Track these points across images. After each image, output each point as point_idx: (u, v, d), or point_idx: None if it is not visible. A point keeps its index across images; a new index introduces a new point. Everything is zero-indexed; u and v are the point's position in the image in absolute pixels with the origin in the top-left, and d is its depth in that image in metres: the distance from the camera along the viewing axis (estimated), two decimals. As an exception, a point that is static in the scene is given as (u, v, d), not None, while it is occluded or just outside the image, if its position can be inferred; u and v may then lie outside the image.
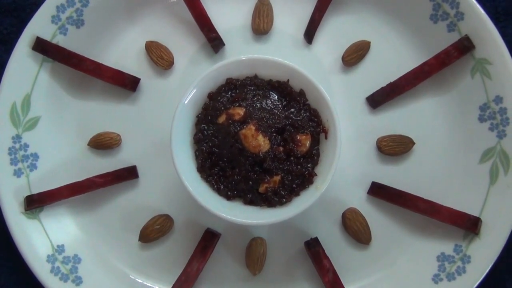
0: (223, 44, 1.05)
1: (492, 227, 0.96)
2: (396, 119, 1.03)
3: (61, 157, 1.04)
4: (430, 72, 1.01)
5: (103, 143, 1.03)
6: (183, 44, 1.06)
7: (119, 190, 1.03)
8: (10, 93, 1.01)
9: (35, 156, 1.03)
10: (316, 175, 0.91)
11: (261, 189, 0.90)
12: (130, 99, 1.05)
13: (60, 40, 1.02)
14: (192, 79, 0.91)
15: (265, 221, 0.88)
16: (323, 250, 0.98)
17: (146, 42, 1.05)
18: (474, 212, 0.97)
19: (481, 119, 1.00)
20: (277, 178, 0.89)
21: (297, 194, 0.91)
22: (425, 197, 0.98)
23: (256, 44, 1.06)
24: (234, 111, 0.89)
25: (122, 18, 1.05)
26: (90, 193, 1.02)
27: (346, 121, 1.02)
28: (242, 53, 0.91)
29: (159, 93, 1.05)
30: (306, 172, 0.90)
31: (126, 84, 1.03)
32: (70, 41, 1.03)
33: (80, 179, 1.01)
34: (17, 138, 1.01)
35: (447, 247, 0.99)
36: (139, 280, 1.02)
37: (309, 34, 1.05)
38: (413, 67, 1.02)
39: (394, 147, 1.01)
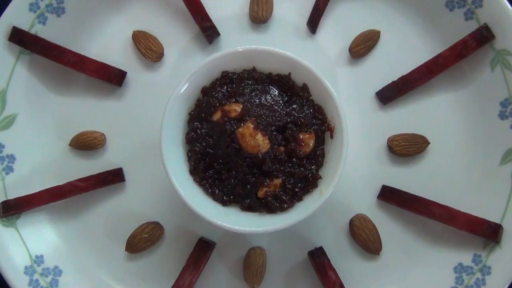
0: (218, 34, 1.05)
1: (514, 235, 0.96)
2: (408, 116, 1.03)
3: (40, 158, 1.04)
4: (446, 65, 1.01)
5: (86, 143, 1.03)
6: (174, 34, 1.06)
7: (104, 195, 1.03)
8: (-16, 88, 1.01)
9: (12, 158, 1.03)
10: (321, 178, 0.91)
11: (260, 193, 0.89)
12: (116, 94, 1.05)
13: (39, 30, 1.02)
14: (184, 73, 0.90)
15: (265, 229, 0.88)
16: (329, 261, 0.97)
17: (133, 32, 1.05)
18: (495, 219, 0.97)
19: (502, 116, 1.00)
20: (277, 181, 0.89)
21: (300, 199, 0.91)
22: (440, 202, 0.98)
23: (255, 33, 1.06)
24: (230, 108, 0.89)
25: (107, 5, 1.05)
26: (72, 199, 1.02)
27: (353, 119, 1.02)
28: (239, 44, 0.91)
29: (148, 88, 1.05)
30: (310, 175, 0.90)
31: (112, 78, 1.03)
32: (50, 31, 1.03)
33: (61, 183, 1.01)
34: (-9, 138, 1.02)
35: (465, 257, 0.99)
36: (126, 294, 1.02)
37: (313, 23, 1.05)
38: (427, 59, 1.02)
39: (406, 147, 1.01)
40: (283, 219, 0.89)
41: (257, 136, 0.87)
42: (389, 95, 1.03)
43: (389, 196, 1.00)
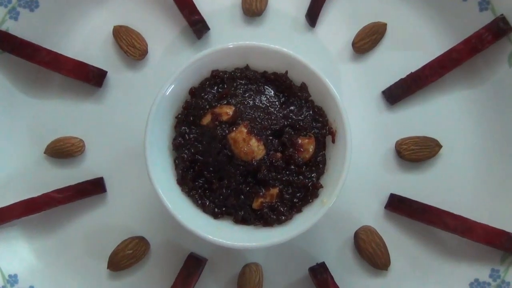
0: (208, 29, 1.05)
1: (536, 248, 0.96)
2: (418, 118, 1.04)
3: (12, 168, 1.04)
4: (459, 60, 1.01)
5: (63, 151, 1.03)
6: (159, 29, 1.06)
7: (83, 208, 1.03)
8: (-51, 90, 1.01)
9: (-20, 167, 1.03)
10: (322, 187, 0.90)
11: (256, 204, 0.89)
12: (95, 96, 1.05)
13: (11, 26, 1.02)
14: (170, 72, 0.90)
15: (261, 244, 0.87)
16: (332, 278, 0.98)
17: (114, 27, 1.05)
18: (514, 230, 0.98)
19: (522, 116, 1.01)
20: (274, 191, 0.89)
21: (299, 210, 0.91)
22: (454, 212, 0.98)
23: (248, 28, 1.06)
24: (221, 110, 0.89)
25: (84, -2, 1.06)
26: (48, 212, 1.01)
27: (358, 121, 1.02)
28: (230, 40, 0.91)
29: (130, 88, 1.05)
30: (310, 183, 0.90)
31: (90, 78, 1.03)
32: (22, 27, 1.03)
33: (36, 195, 1.01)
34: (-43, 145, 1.02)
35: (482, 272, 0.99)
36: (109, 317, 1.02)
37: (312, 15, 1.05)
38: (439, 54, 1.02)
39: (416, 152, 1.01)
40: (281, 233, 0.89)
41: (251, 141, 0.87)
42: (397, 94, 1.03)
43: (398, 205, 1.00)
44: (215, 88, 0.93)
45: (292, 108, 0.92)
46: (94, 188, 1.02)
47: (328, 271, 0.98)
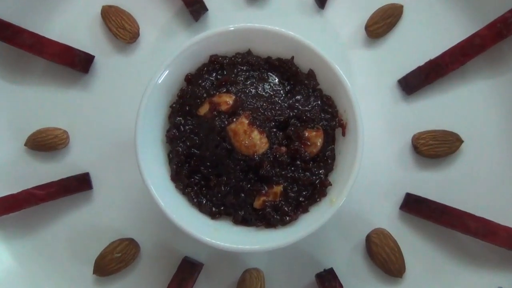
0: (206, 9, 1.05)
1: None
2: (437, 110, 1.04)
3: (-11, 161, 1.04)
4: (483, 47, 1.01)
5: (45, 143, 1.03)
6: (152, 10, 1.06)
7: (67, 206, 1.03)
8: None
9: (-46, 161, 1.03)
10: (331, 185, 0.90)
11: (257, 203, 0.89)
12: (82, 83, 1.05)
13: (-12, 5, 1.03)
14: (164, 57, 0.90)
15: (263, 247, 0.87)
16: (341, 286, 0.98)
17: (103, 7, 1.05)
18: (543, 234, 0.98)
19: (551, 108, 1.01)
20: (278, 189, 0.89)
21: (306, 210, 0.91)
22: (476, 214, 0.98)
23: (250, 9, 1.06)
24: (220, 99, 0.88)
25: (70, -25, 1.06)
26: (29, 210, 1.02)
27: (370, 112, 1.03)
28: (231, 22, 0.91)
29: (120, 75, 1.05)
30: (317, 181, 0.90)
31: (76, 63, 1.03)
32: (2, 8, 1.03)
33: (15, 191, 1.01)
34: None
35: (506, 279, 0.99)
36: (95, 327, 1.02)
37: (321, -4, 1.05)
38: (460, 40, 1.02)
39: (435, 147, 1.01)
40: (285, 235, 0.89)
41: (253, 134, 0.86)
42: (414, 83, 1.03)
43: (414, 206, 1.00)
44: (214, 74, 0.93)
45: (298, 97, 0.92)
46: (79, 184, 1.02)
47: (336, 278, 0.98)
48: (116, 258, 1.01)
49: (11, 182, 1.03)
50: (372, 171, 1.02)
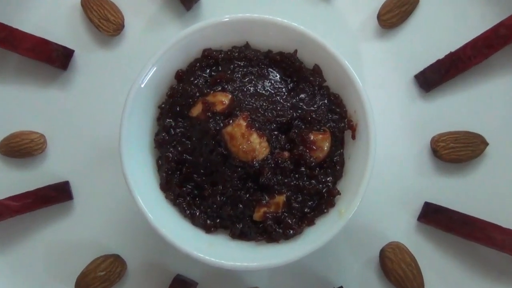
0: (199, -2, 1.05)
1: None
2: (459, 109, 1.04)
3: (-43, 169, 1.04)
4: (508, 38, 1.01)
5: (19, 149, 1.03)
6: (138, -1, 1.07)
7: (45, 219, 1.03)
8: None
9: None
10: (340, 194, 0.90)
11: (257, 215, 0.89)
12: (60, 81, 1.05)
13: (-46, -5, 1.03)
14: (151, 51, 0.90)
15: (263, 264, 0.87)
16: (352, 306, 0.98)
17: (83, -5, 1.06)
18: None
19: None
20: (280, 198, 0.88)
21: (311, 223, 0.90)
22: (503, 225, 0.98)
23: (248, -3, 1.07)
24: (215, 99, 0.88)
25: (46, -40, 1.06)
26: (2, 224, 1.02)
27: (384, 112, 1.03)
28: (226, 12, 0.91)
29: (103, 72, 1.06)
30: (325, 190, 0.90)
31: (54, 59, 1.03)
32: (-32, -4, 1.03)
33: (-14, 203, 1.01)
34: None
35: (538, 299, 0.99)
36: None
37: (328, -18, 1.05)
38: (484, 31, 1.02)
39: (457, 150, 1.01)
40: (289, 251, 0.88)
41: (252, 138, 0.86)
42: (433, 79, 1.03)
43: (434, 217, 1.00)
44: (208, 71, 0.93)
45: (302, 96, 0.92)
46: (58, 194, 1.02)
47: (347, 298, 0.98)
48: (99, 276, 1.01)
49: (-18, 192, 1.02)
50: (386, 178, 1.02)
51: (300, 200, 0.90)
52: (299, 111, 0.90)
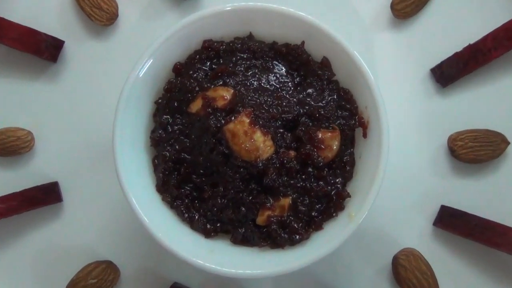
0: (198, -15, 1.05)
1: None
2: (478, 105, 1.04)
3: None
4: (533, 28, 1.01)
5: (5, 146, 1.03)
6: (133, -14, 1.07)
7: (32, 222, 1.03)
8: None
9: None
10: (350, 197, 0.90)
11: (261, 219, 0.89)
12: (49, 74, 1.06)
13: None
14: (147, 42, 0.90)
15: (267, 272, 0.87)
16: (362, 317, 0.98)
17: (74, -18, 1.06)
18: None
19: None
20: (286, 201, 0.88)
21: (319, 228, 0.90)
22: (526, 231, 0.98)
23: (252, -16, 1.07)
24: (215, 94, 0.88)
25: None
26: (-15, 227, 1.02)
27: (398, 109, 1.03)
28: (228, 0, 0.91)
29: (95, 65, 1.06)
30: (334, 192, 0.90)
31: (42, 50, 1.03)
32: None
33: (-30, 205, 1.01)
34: None
35: (563, 310, 0.99)
36: None
37: (338, -32, 1.05)
38: (505, 21, 1.02)
39: (476, 150, 1.01)
40: (294, 257, 0.88)
41: (256, 135, 0.86)
42: (451, 73, 1.03)
43: (451, 221, 1.00)
44: (208, 64, 0.93)
45: (310, 91, 0.92)
46: (47, 196, 1.02)
47: (357, 309, 0.98)
48: (91, 284, 1.01)
49: (-36, 194, 1.03)
50: (399, 179, 1.02)
51: (307, 203, 0.90)
52: (306, 107, 0.90)
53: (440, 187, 1.03)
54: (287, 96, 0.90)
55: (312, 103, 0.91)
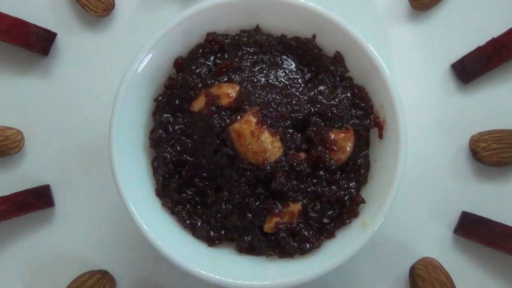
0: (201, -27, 1.05)
1: None
2: (503, 103, 1.04)
3: None
4: None
5: (-7, 147, 1.03)
6: (131, -26, 1.07)
7: (22, 228, 1.03)
8: None
9: None
10: (364, 202, 0.90)
11: (268, 226, 0.89)
12: (40, 69, 1.06)
13: None
14: (146, 35, 0.89)
15: (275, 283, 0.86)
16: (377, 332, 0.98)
17: (68, -30, 1.06)
18: None
19: None
20: (295, 207, 0.88)
21: (331, 235, 0.90)
22: (554, 239, 0.98)
23: (259, -28, 1.06)
24: (220, 91, 0.88)
25: None
26: (-28, 234, 1.02)
27: (416, 107, 1.03)
28: (233, -11, 0.92)
29: (89, 59, 1.06)
30: (347, 197, 0.90)
31: (33, 43, 1.03)
32: None
33: (-45, 209, 1.01)
34: None
35: None
36: None
37: (351, -45, 1.05)
38: (533, 13, 1.02)
39: (499, 152, 1.01)
40: (305, 268, 0.88)
41: (263, 136, 0.86)
42: (473, 68, 1.03)
43: (472, 229, 1.00)
44: (212, 58, 0.93)
45: (321, 88, 0.92)
46: (38, 200, 1.02)
47: (371, 322, 0.98)
48: (85, 295, 1.01)
49: (-51, 197, 1.03)
50: (417, 184, 1.02)
51: (318, 209, 0.90)
52: (318, 106, 0.90)
53: (461, 192, 1.03)
54: (297, 93, 0.90)
55: (324, 101, 0.91)
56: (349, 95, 0.92)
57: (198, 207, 0.91)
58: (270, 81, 0.91)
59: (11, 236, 1.04)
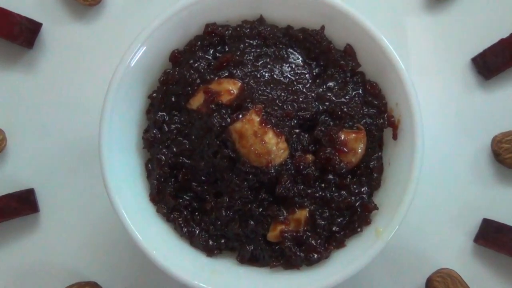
0: (200, -41, 1.05)
1: None
2: None
3: None
4: None
5: (-28, 147, 1.03)
6: (123, -41, 1.07)
7: (5, 236, 1.03)
8: None
9: None
10: (377, 209, 0.90)
11: (272, 234, 0.89)
12: (24, 62, 1.06)
13: None
14: (139, 26, 0.89)
15: (280, 297, 0.87)
16: None
17: (54, -45, 1.06)
18: None
19: None
20: (302, 214, 0.88)
21: (341, 245, 0.90)
22: None
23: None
24: (220, 87, 0.88)
25: None
26: (-50, 241, 1.02)
27: (434, 105, 1.03)
28: (234, -24, 0.92)
29: (77, 51, 1.06)
30: (358, 203, 0.90)
31: (16, 34, 1.03)
32: None
33: None
34: None
35: None
36: None
37: None
38: (560, 3, 1.02)
39: (524, 154, 1.02)
40: (312, 280, 0.88)
41: (267, 137, 0.86)
42: (495, 63, 1.03)
43: (494, 237, 1.00)
44: (211, 52, 0.93)
45: (331, 84, 0.92)
46: (21, 205, 1.02)
47: None
48: (72, 309, 1.01)
49: None
50: (434, 189, 1.02)
51: (326, 216, 0.89)
52: (327, 104, 0.90)
53: (482, 197, 1.03)
54: (304, 90, 0.90)
55: (334, 98, 0.90)
56: (360, 92, 0.92)
57: (196, 213, 0.91)
58: (275, 76, 0.90)
59: (-7, 245, 1.03)
